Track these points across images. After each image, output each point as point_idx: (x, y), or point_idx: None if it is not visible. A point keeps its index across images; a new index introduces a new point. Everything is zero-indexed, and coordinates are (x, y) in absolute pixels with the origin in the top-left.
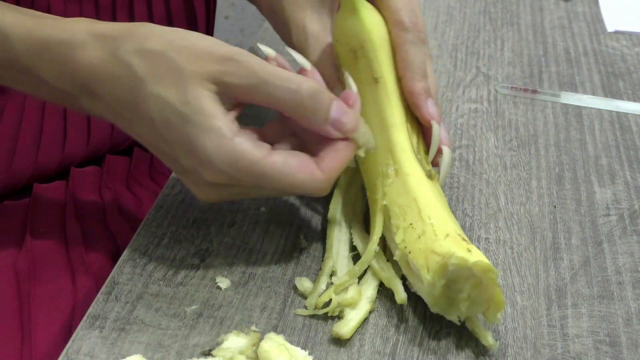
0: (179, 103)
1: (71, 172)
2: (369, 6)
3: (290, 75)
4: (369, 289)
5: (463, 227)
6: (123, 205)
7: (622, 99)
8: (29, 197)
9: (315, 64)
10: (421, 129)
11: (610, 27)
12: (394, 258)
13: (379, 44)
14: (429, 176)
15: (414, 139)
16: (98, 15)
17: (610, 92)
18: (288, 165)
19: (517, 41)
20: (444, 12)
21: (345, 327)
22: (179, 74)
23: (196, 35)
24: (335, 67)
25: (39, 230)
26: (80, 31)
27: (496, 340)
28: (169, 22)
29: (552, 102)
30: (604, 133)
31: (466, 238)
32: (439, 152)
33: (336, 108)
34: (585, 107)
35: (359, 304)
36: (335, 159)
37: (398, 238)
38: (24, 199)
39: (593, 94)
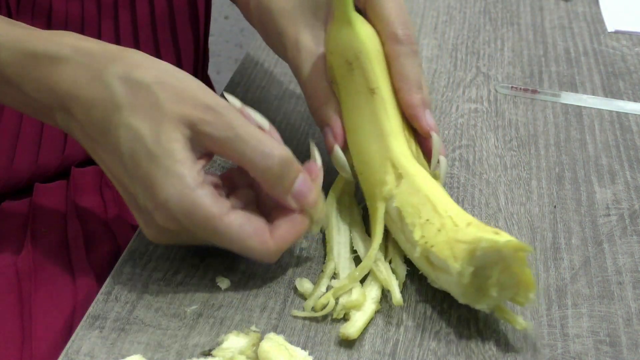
0: (150, 140)
1: (72, 172)
2: (361, 17)
3: (267, 139)
4: (374, 289)
5: None
6: (123, 205)
7: (622, 99)
8: (29, 197)
9: (309, 78)
10: (417, 137)
11: (610, 27)
12: (415, 255)
13: (374, 54)
14: (434, 177)
15: (412, 147)
16: (100, 14)
17: (610, 92)
18: (242, 229)
19: (517, 41)
20: (444, 12)
21: (352, 327)
22: (157, 110)
23: (185, 76)
24: (329, 80)
25: (39, 230)
26: (66, 46)
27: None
28: (172, 20)
29: (552, 102)
30: (604, 133)
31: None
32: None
33: (301, 181)
34: (585, 107)
35: (364, 305)
36: (289, 231)
37: (417, 235)
38: (24, 199)
39: (593, 94)
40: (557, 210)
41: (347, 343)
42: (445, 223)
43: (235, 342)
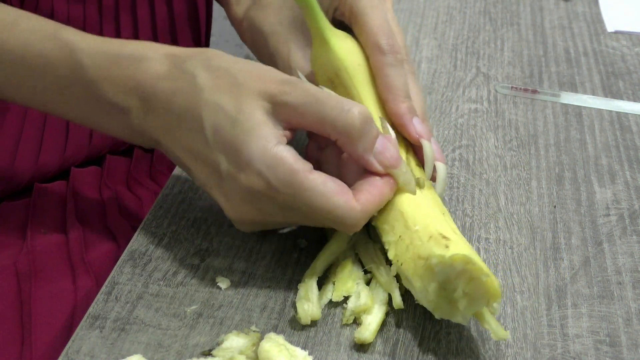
0: (232, 110)
1: (72, 172)
2: (340, 34)
3: (345, 99)
4: (380, 291)
5: (463, 227)
6: (123, 205)
7: (622, 99)
8: (29, 197)
9: None
10: (409, 144)
11: (610, 27)
12: (392, 275)
13: (353, 70)
14: (418, 184)
15: (403, 154)
16: (101, 16)
17: (610, 92)
18: (327, 186)
19: (517, 41)
20: (444, 12)
21: (367, 331)
22: (238, 87)
23: (259, 63)
24: None
25: (39, 230)
26: (151, 49)
27: (506, 329)
28: (172, 23)
29: (552, 102)
30: (604, 133)
31: (447, 235)
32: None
33: (381, 142)
34: (585, 107)
35: (374, 307)
36: (372, 193)
37: (391, 254)
38: (24, 199)
39: (593, 94)
40: (557, 210)
41: (347, 343)
42: (413, 238)
43: (235, 342)
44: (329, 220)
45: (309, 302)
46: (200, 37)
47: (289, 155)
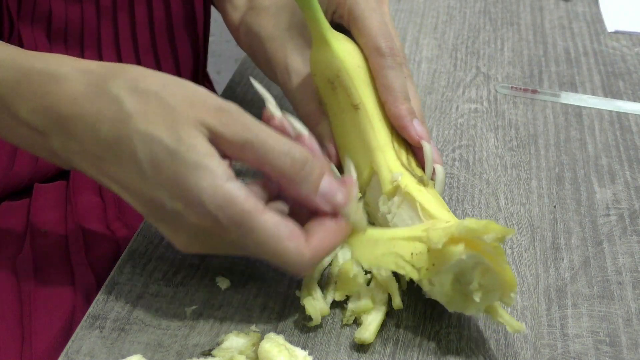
0: (170, 140)
1: (72, 172)
2: (340, 36)
3: (285, 139)
4: (380, 291)
5: None
6: (123, 205)
7: (622, 99)
8: (29, 197)
9: (300, 101)
10: (409, 146)
11: (610, 27)
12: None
13: (353, 71)
14: (422, 182)
15: (403, 155)
16: (99, 17)
17: (610, 92)
18: (279, 229)
19: (517, 41)
20: (444, 12)
21: (367, 331)
22: (171, 114)
23: (190, 83)
24: (318, 101)
25: (39, 230)
26: (65, 64)
27: (521, 322)
28: (169, 23)
29: (552, 102)
30: (604, 133)
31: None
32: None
33: (328, 181)
34: (585, 107)
35: (374, 307)
36: (324, 238)
37: (414, 275)
38: (24, 199)
39: (593, 94)
40: (557, 210)
41: (347, 343)
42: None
43: (235, 342)
44: (277, 263)
45: (316, 299)
46: (197, 37)
47: (240, 194)
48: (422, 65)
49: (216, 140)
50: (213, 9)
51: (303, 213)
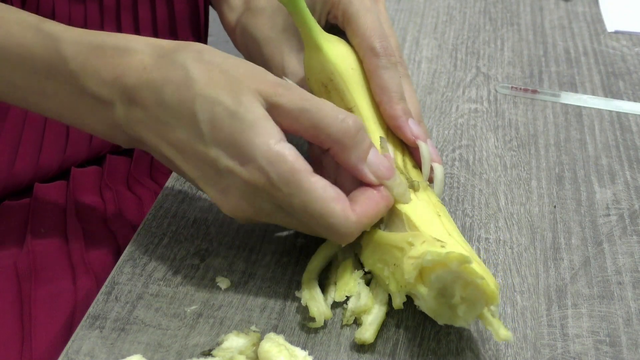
0: (230, 103)
1: (72, 172)
2: (332, 38)
3: (338, 108)
4: (380, 291)
5: (463, 227)
6: (123, 205)
7: (622, 99)
8: (29, 197)
9: None
10: (406, 147)
11: (610, 27)
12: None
13: (347, 74)
14: (412, 187)
15: (399, 157)
16: (102, 16)
17: (610, 92)
18: (326, 191)
19: (517, 41)
20: (444, 12)
21: (367, 332)
22: (234, 83)
23: (250, 62)
24: None
25: (39, 230)
26: (136, 40)
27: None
28: (172, 23)
29: (552, 102)
30: (604, 133)
31: (442, 239)
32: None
33: (374, 153)
34: (585, 107)
35: (374, 308)
36: (368, 205)
37: (393, 287)
38: (24, 198)
39: (593, 94)
40: (557, 210)
41: (347, 343)
42: (405, 251)
43: (235, 342)
44: (323, 227)
45: (318, 302)
46: (200, 37)
47: (291, 154)
48: (422, 65)
49: (273, 110)
50: (212, 9)
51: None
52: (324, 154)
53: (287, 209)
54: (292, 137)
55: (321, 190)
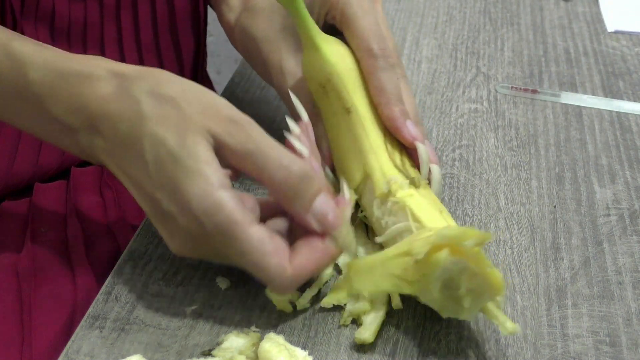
0: (175, 144)
1: (72, 171)
2: (330, 39)
3: (287, 153)
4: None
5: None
6: (123, 204)
7: (622, 99)
8: (29, 197)
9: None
10: (404, 147)
11: (610, 27)
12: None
13: (345, 74)
14: (413, 183)
15: (397, 157)
16: (102, 15)
17: (610, 92)
18: (262, 244)
19: (517, 41)
20: (444, 12)
21: (367, 331)
22: (182, 120)
23: (209, 92)
24: (313, 104)
25: (39, 230)
26: (99, 67)
27: (515, 323)
28: (172, 21)
29: (552, 102)
30: (604, 133)
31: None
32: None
33: (322, 200)
34: (585, 107)
35: (374, 307)
36: (309, 258)
37: (407, 290)
38: (24, 198)
39: (593, 94)
40: (557, 210)
41: (347, 343)
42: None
43: (235, 342)
44: (259, 277)
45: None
46: (200, 36)
47: (230, 203)
48: (422, 65)
49: (221, 149)
50: (211, 10)
51: (301, 232)
52: None
53: (228, 255)
54: None
55: (257, 243)
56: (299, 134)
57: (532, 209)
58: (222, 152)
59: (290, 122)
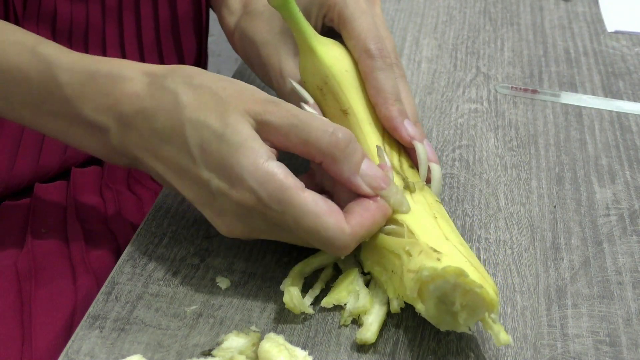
0: (218, 126)
1: (72, 172)
2: (326, 41)
3: (327, 121)
4: (380, 291)
5: (463, 227)
6: (124, 205)
7: (622, 99)
8: (29, 197)
9: (294, 104)
10: (403, 148)
11: (610, 27)
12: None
13: (341, 76)
14: (408, 187)
15: (395, 158)
16: (104, 16)
17: (610, 92)
18: (318, 205)
19: (517, 41)
20: (444, 12)
21: (368, 332)
22: (221, 105)
23: (240, 81)
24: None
25: (39, 230)
26: (129, 67)
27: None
28: (174, 23)
29: (552, 102)
30: (604, 133)
31: (439, 248)
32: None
33: (367, 163)
34: (585, 107)
35: (374, 307)
36: (364, 216)
37: (391, 293)
38: (24, 198)
39: (593, 94)
40: (557, 210)
41: (347, 343)
42: (403, 261)
43: (235, 342)
44: (318, 241)
45: (294, 294)
46: (201, 36)
47: (280, 171)
48: (422, 65)
49: (262, 128)
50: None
51: (344, 203)
52: (320, 168)
53: (282, 226)
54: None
55: (313, 205)
56: (315, 112)
57: (532, 209)
58: (264, 131)
59: (304, 106)
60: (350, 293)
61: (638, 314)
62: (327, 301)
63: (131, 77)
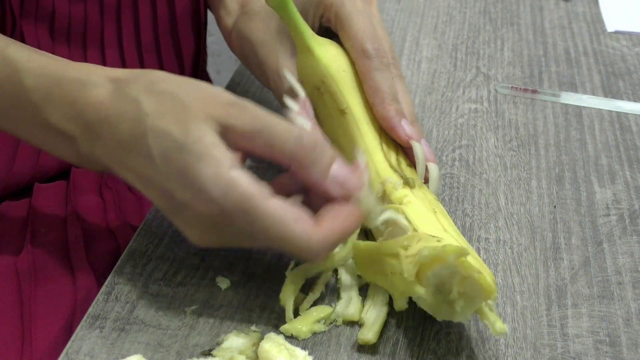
0: (179, 135)
1: (72, 172)
2: (323, 41)
3: (294, 126)
4: (381, 292)
5: (463, 227)
6: (123, 205)
7: (622, 99)
8: (29, 198)
9: None
10: (400, 147)
11: (610, 27)
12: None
13: (338, 76)
14: (408, 184)
15: (392, 157)
16: (102, 15)
17: (610, 92)
18: (284, 213)
19: (517, 41)
20: (444, 12)
21: (370, 332)
22: (184, 111)
23: (206, 84)
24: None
25: (39, 230)
26: (95, 73)
27: (504, 323)
28: (173, 22)
29: (552, 102)
30: (604, 133)
31: (437, 235)
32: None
33: (339, 166)
34: (585, 107)
35: (375, 308)
36: (334, 221)
37: (396, 295)
38: (24, 199)
39: (593, 94)
40: (557, 210)
41: (347, 343)
42: (400, 255)
43: (235, 342)
44: (287, 250)
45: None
46: (200, 36)
47: (243, 180)
48: (422, 65)
49: (227, 133)
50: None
51: (318, 207)
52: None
53: (251, 234)
54: None
55: (278, 213)
56: (299, 110)
57: (532, 209)
58: (229, 136)
59: (289, 101)
60: (311, 332)
61: (638, 314)
62: (285, 328)
63: (96, 83)
